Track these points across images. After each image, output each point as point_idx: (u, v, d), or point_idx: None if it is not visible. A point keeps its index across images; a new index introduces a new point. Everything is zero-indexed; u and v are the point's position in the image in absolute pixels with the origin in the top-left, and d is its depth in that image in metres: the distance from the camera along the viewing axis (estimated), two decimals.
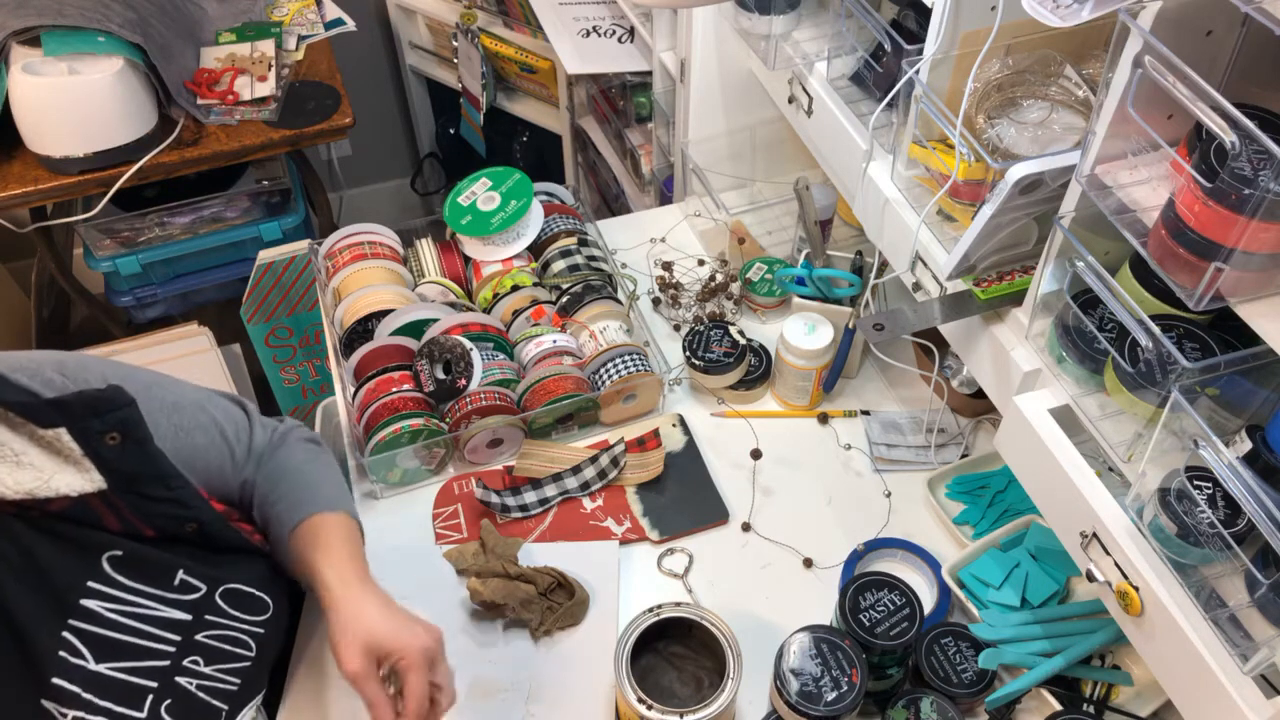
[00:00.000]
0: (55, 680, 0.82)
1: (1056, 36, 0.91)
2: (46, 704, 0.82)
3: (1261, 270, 0.67)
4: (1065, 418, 0.88)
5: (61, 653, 0.83)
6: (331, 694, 1.05)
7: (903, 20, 1.04)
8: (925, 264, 1.00)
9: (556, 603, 1.12)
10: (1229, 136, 0.62)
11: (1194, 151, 0.68)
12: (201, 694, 0.92)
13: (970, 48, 0.90)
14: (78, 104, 1.60)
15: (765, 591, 1.18)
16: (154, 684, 0.88)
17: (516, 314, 1.37)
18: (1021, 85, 0.92)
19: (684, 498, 1.26)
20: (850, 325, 1.32)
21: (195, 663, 0.92)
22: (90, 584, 0.86)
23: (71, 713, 0.83)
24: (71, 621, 0.85)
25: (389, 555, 1.18)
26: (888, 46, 1.00)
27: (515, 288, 1.40)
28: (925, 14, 0.92)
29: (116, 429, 0.84)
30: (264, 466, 1.07)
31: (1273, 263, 0.66)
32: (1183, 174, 0.68)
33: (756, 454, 1.31)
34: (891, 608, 1.03)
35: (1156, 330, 0.74)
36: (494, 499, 1.21)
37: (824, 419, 1.36)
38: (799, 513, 1.26)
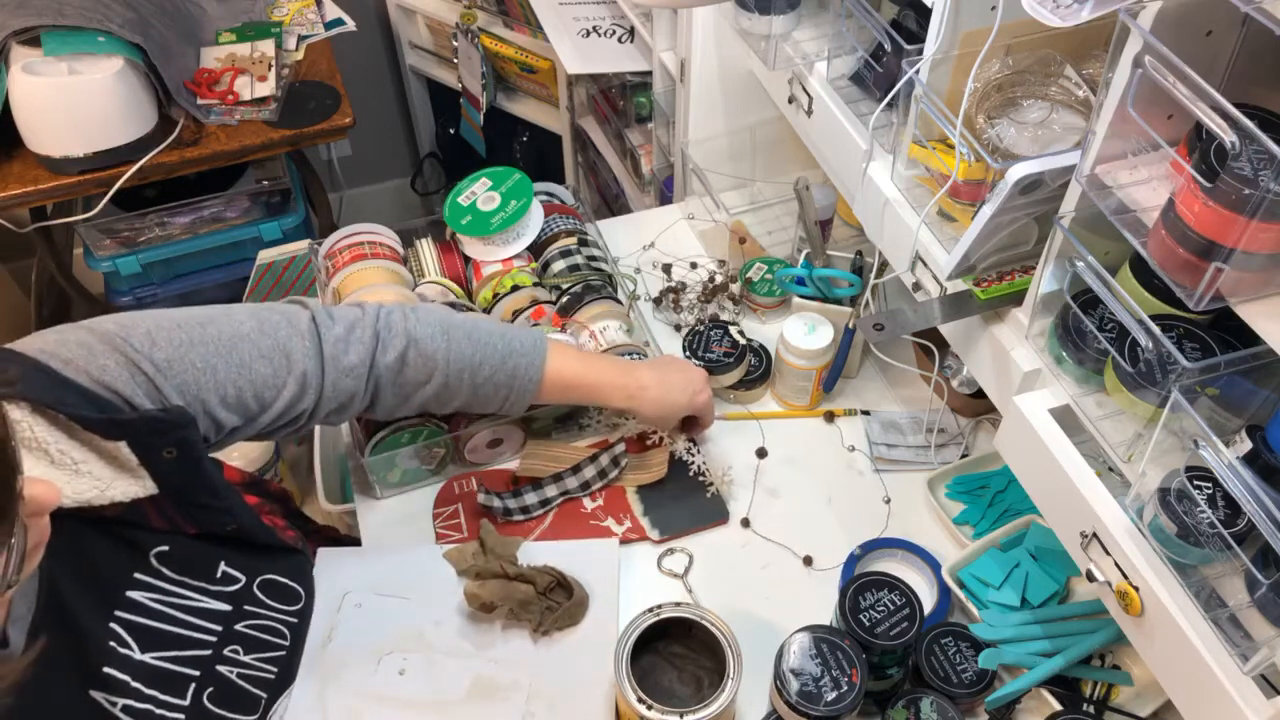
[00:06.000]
0: (106, 669, 0.84)
1: (1056, 36, 0.90)
2: (95, 694, 0.84)
3: (1261, 270, 0.67)
4: (1065, 418, 0.88)
5: (111, 643, 0.85)
6: (331, 693, 1.05)
7: (903, 20, 1.04)
8: (925, 264, 1.00)
9: (555, 602, 1.12)
10: (1229, 136, 0.62)
11: (1194, 151, 0.68)
12: (242, 682, 0.94)
13: (970, 48, 0.90)
14: (78, 104, 1.60)
15: (765, 591, 1.18)
16: (196, 673, 0.90)
17: (516, 314, 1.37)
18: (1021, 85, 0.92)
19: (684, 497, 1.26)
20: (850, 325, 1.32)
21: (235, 651, 0.94)
22: (137, 575, 0.89)
23: (121, 701, 0.84)
24: (118, 613, 0.87)
25: (389, 555, 1.18)
26: (888, 46, 1.00)
27: (515, 288, 1.40)
28: (925, 14, 0.92)
29: (174, 446, 0.86)
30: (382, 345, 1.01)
31: (1273, 263, 0.66)
32: (1183, 174, 0.68)
33: (762, 453, 1.31)
34: (891, 608, 1.03)
35: (1156, 330, 0.73)
36: (496, 503, 1.21)
37: (830, 418, 1.36)
38: (799, 512, 1.26)
